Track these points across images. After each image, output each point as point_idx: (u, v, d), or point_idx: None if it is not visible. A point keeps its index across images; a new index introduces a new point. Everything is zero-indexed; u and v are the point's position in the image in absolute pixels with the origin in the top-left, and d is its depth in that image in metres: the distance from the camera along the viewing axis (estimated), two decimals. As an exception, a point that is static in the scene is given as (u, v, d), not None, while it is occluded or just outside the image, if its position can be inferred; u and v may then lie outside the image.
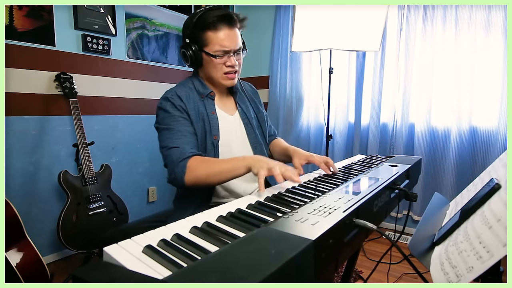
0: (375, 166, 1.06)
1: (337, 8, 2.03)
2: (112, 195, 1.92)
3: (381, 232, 0.59)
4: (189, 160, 0.95)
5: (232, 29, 1.03)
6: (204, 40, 1.02)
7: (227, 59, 1.05)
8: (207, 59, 1.04)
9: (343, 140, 2.59)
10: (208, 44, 1.02)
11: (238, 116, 1.18)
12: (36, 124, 1.87)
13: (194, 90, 1.11)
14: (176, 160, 0.95)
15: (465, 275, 0.42)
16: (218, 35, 1.01)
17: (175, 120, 1.02)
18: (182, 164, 0.94)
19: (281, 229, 0.49)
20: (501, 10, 1.92)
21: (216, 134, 1.08)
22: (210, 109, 1.10)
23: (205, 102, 1.10)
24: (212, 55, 1.02)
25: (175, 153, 0.97)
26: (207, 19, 1.00)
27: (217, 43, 1.01)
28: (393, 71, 2.33)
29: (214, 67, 1.05)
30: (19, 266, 1.40)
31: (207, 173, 0.92)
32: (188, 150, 0.97)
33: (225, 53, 1.03)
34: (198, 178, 0.93)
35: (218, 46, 1.02)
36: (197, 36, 1.03)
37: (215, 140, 1.07)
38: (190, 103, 1.07)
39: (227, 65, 1.05)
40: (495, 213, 0.45)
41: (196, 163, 0.94)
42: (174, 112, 1.03)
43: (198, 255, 0.45)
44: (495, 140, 1.98)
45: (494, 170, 0.65)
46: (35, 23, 1.81)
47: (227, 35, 1.02)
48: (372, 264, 1.95)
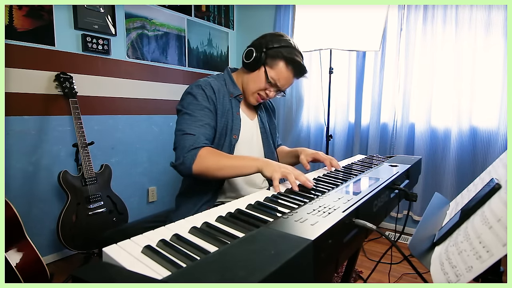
0: (375, 166, 1.06)
1: (337, 8, 2.03)
2: (112, 195, 1.92)
3: (381, 232, 0.59)
4: (200, 149, 0.96)
5: (294, 78, 1.14)
6: (273, 62, 1.09)
7: (270, 90, 1.13)
8: (261, 75, 1.10)
9: (343, 140, 2.59)
10: (272, 68, 1.09)
11: (257, 122, 1.24)
12: (35, 124, 1.87)
13: (225, 86, 1.15)
14: (189, 147, 0.96)
15: (464, 274, 0.42)
16: (285, 72, 1.09)
17: (200, 108, 1.04)
18: (193, 152, 0.95)
19: (281, 229, 0.49)
20: (501, 10, 1.92)
21: (236, 133, 1.12)
22: (236, 109, 1.14)
23: (232, 102, 1.14)
24: (268, 77, 1.09)
25: (189, 139, 0.98)
26: (290, 53, 1.08)
27: (277, 75, 1.09)
28: (393, 71, 2.33)
29: (257, 84, 1.11)
30: (19, 266, 1.40)
31: (217, 165, 0.94)
32: (203, 140, 0.99)
33: (275, 86, 1.12)
34: (207, 168, 0.94)
35: (275, 77, 1.09)
36: (273, 54, 1.08)
37: (234, 139, 1.11)
38: (221, 97, 1.10)
39: (266, 92, 1.13)
40: (495, 213, 0.45)
41: (207, 153, 0.96)
42: (203, 101, 1.05)
43: (197, 255, 0.45)
44: (495, 140, 1.98)
45: (495, 170, 0.65)
46: (35, 23, 1.81)
47: (289, 78, 1.11)
48: (372, 264, 1.95)
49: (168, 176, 2.59)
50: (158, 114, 2.48)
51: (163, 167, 2.54)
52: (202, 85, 1.07)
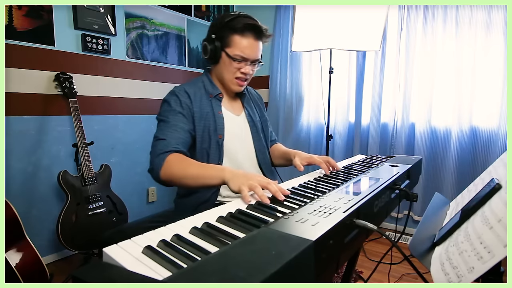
0: (376, 166, 1.06)
1: (337, 8, 2.03)
2: (111, 195, 1.91)
3: (382, 232, 0.59)
4: (169, 154, 0.94)
5: (257, 41, 1.08)
6: (228, 41, 1.06)
7: (243, 66, 1.09)
8: (225, 59, 1.08)
9: (343, 140, 2.59)
10: (231, 46, 1.06)
11: (244, 117, 1.21)
12: (35, 124, 1.86)
13: (203, 89, 1.14)
14: (158, 152, 0.95)
15: (466, 275, 0.42)
16: (243, 41, 1.05)
17: (173, 114, 1.04)
18: (162, 157, 0.94)
19: (281, 229, 0.49)
20: (502, 10, 1.92)
21: (221, 133, 1.10)
22: (217, 109, 1.12)
23: (213, 102, 1.12)
24: (231, 57, 1.06)
25: (159, 144, 0.97)
26: (238, 23, 1.04)
27: (239, 48, 1.05)
28: (394, 71, 2.33)
29: (228, 69, 1.09)
30: (19, 267, 1.40)
31: (181, 174, 0.90)
32: (173, 144, 0.97)
33: (243, 59, 1.07)
34: (172, 176, 0.91)
35: (239, 51, 1.06)
36: (223, 35, 1.06)
37: (220, 139, 1.09)
38: (197, 101, 1.09)
39: (241, 71, 1.09)
40: (495, 214, 0.45)
41: (175, 159, 0.93)
42: (176, 107, 1.05)
43: (198, 255, 0.45)
44: (496, 140, 1.98)
45: (495, 170, 0.65)
46: (35, 22, 1.81)
47: (251, 44, 1.06)
48: (372, 265, 1.95)
49: (168, 176, 2.59)
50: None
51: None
52: (176, 91, 1.09)
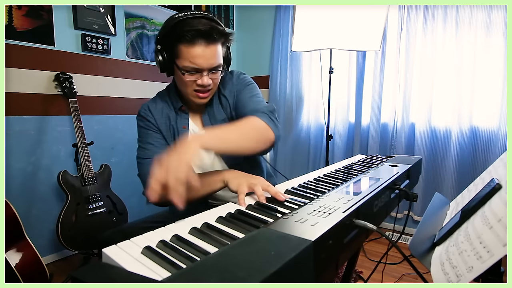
0: (376, 166, 1.06)
1: (337, 8, 2.03)
2: (111, 195, 1.91)
3: (381, 232, 0.59)
4: None
5: (210, 46, 0.90)
6: (176, 52, 0.91)
7: (199, 77, 0.93)
8: (177, 72, 0.94)
9: (343, 140, 2.59)
10: (179, 57, 0.91)
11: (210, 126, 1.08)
12: (35, 124, 1.86)
13: (169, 101, 1.05)
14: (148, 173, 0.87)
15: (465, 275, 0.42)
16: (191, 51, 0.88)
17: (147, 133, 1.03)
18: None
19: (281, 230, 0.49)
20: (502, 10, 1.92)
21: None
22: (182, 123, 1.05)
23: (178, 116, 1.05)
24: (181, 69, 0.91)
25: (147, 165, 0.96)
26: (183, 29, 0.88)
27: (188, 59, 0.89)
28: (394, 71, 2.33)
29: (182, 82, 0.95)
30: (19, 267, 1.40)
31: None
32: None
33: (196, 71, 0.92)
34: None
35: (189, 63, 0.90)
36: (168, 46, 0.92)
37: None
38: (162, 118, 1.05)
39: (198, 83, 0.94)
40: (495, 213, 0.45)
41: None
42: (145, 126, 1.05)
43: (197, 256, 0.45)
44: (496, 140, 1.98)
45: (495, 170, 0.65)
46: (35, 22, 1.81)
47: (202, 52, 0.89)
48: (372, 265, 1.95)
49: (168, 176, 2.59)
50: (158, 114, 2.48)
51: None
52: (141, 112, 1.05)
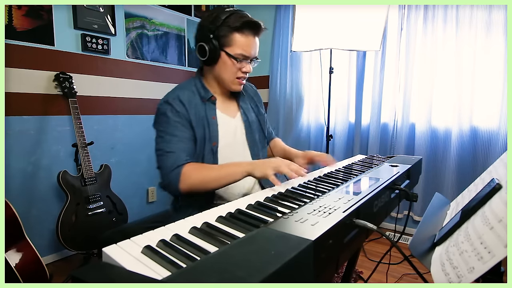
0: (376, 166, 1.06)
1: (337, 8, 2.03)
2: (111, 195, 1.91)
3: (382, 232, 0.59)
4: (183, 167, 0.95)
5: (256, 38, 1.05)
6: (228, 41, 1.01)
7: (244, 65, 1.05)
8: (225, 59, 1.03)
9: (343, 140, 2.58)
10: (231, 45, 1.01)
11: (239, 118, 1.16)
12: (35, 124, 1.86)
13: (197, 93, 1.08)
14: (171, 167, 0.95)
15: (466, 275, 0.42)
16: (243, 39, 1.01)
17: (173, 125, 1.01)
18: (176, 171, 0.94)
19: (281, 229, 0.49)
20: (502, 10, 1.92)
21: (215, 140, 1.06)
22: (211, 113, 1.07)
23: (206, 106, 1.08)
24: (234, 57, 1.02)
25: (170, 158, 0.96)
26: (236, 20, 0.99)
27: (241, 47, 1.01)
28: (394, 71, 2.33)
29: (228, 69, 1.04)
30: (18, 267, 1.39)
31: (202, 179, 0.93)
32: (184, 157, 0.97)
33: (245, 58, 1.04)
34: (194, 185, 0.94)
35: (241, 50, 1.02)
36: (222, 34, 1.00)
37: (214, 146, 1.06)
38: (192, 108, 1.04)
39: (243, 70, 1.06)
40: (496, 214, 0.45)
41: (191, 169, 0.94)
42: (174, 117, 1.01)
43: (197, 255, 0.45)
44: (496, 140, 1.98)
45: (495, 170, 0.65)
46: (34, 22, 1.81)
47: (251, 42, 1.03)
48: (372, 265, 1.95)
49: (168, 176, 2.59)
50: (158, 114, 2.48)
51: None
52: (169, 100, 1.03)
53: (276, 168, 0.82)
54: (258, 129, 1.20)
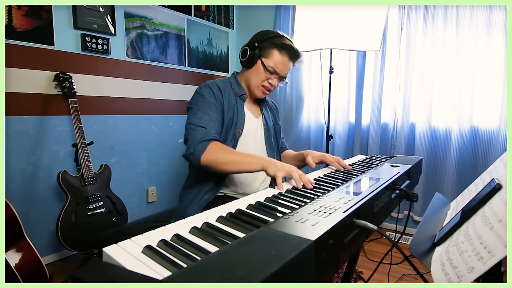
0: (376, 166, 1.06)
1: (337, 8, 2.03)
2: (111, 195, 1.91)
3: (382, 232, 0.59)
4: (211, 142, 1.04)
5: (290, 62, 1.21)
6: (267, 53, 1.18)
7: (272, 78, 1.20)
8: (259, 66, 1.19)
9: (343, 140, 2.58)
10: (268, 57, 1.18)
11: (261, 120, 1.31)
12: (35, 124, 1.86)
13: (231, 87, 1.24)
14: (200, 139, 1.04)
15: (466, 275, 0.42)
16: (279, 57, 1.18)
17: (208, 105, 1.13)
18: (204, 144, 1.03)
19: (281, 229, 0.49)
20: (502, 10, 1.92)
21: (240, 128, 1.19)
22: (240, 106, 1.22)
23: (237, 100, 1.22)
24: (266, 66, 1.18)
25: (200, 132, 1.06)
26: (280, 40, 1.18)
27: (274, 62, 1.18)
28: (394, 71, 2.33)
29: (258, 76, 1.20)
30: (18, 267, 1.39)
31: (224, 159, 1.01)
32: (213, 133, 1.07)
33: (274, 72, 1.19)
34: (215, 161, 1.01)
35: (273, 64, 1.18)
36: (265, 46, 1.18)
37: (238, 133, 1.18)
38: (226, 95, 1.20)
39: (269, 81, 1.21)
40: (496, 214, 0.45)
41: (217, 147, 1.04)
42: (210, 98, 1.14)
43: (197, 255, 0.45)
44: (496, 140, 1.98)
45: (495, 170, 0.65)
46: (34, 22, 1.81)
47: (285, 62, 1.19)
48: (372, 265, 1.95)
49: (168, 176, 2.59)
50: (157, 114, 2.48)
51: (163, 167, 2.54)
52: (209, 84, 1.18)
53: (288, 172, 0.86)
54: (274, 136, 1.36)
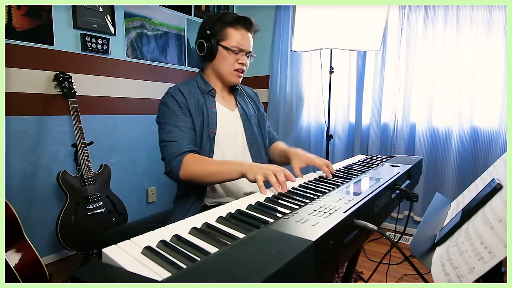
0: (376, 166, 1.06)
1: (337, 8, 2.03)
2: (111, 196, 1.91)
3: (382, 232, 0.59)
4: (185, 156, 0.99)
5: (248, 33, 1.13)
6: (223, 35, 1.10)
7: (240, 57, 1.12)
8: (223, 52, 1.11)
9: (343, 140, 2.58)
10: (227, 39, 1.10)
11: (237, 112, 1.22)
12: (34, 124, 1.86)
13: (197, 87, 1.16)
14: (173, 154, 0.99)
15: (466, 275, 0.42)
16: (236, 33, 1.11)
17: (175, 115, 1.07)
18: (178, 159, 0.99)
19: (281, 230, 0.49)
20: (503, 10, 1.92)
21: (213, 127, 1.12)
22: (210, 104, 1.14)
23: (206, 99, 1.14)
24: (230, 48, 1.10)
25: (172, 147, 1.01)
26: (228, 17, 1.10)
27: (235, 40, 1.10)
28: (394, 71, 2.33)
29: (226, 62, 1.12)
30: (18, 267, 1.39)
31: (202, 172, 0.96)
32: (185, 145, 1.02)
33: (240, 50, 1.12)
34: (193, 175, 0.97)
35: (235, 43, 1.10)
36: (217, 30, 1.10)
37: (211, 133, 1.11)
38: (191, 98, 1.12)
39: (239, 62, 1.13)
40: (496, 214, 0.45)
41: (192, 160, 0.98)
42: (174, 107, 1.08)
43: (197, 256, 0.45)
44: (497, 140, 1.98)
45: (496, 170, 0.65)
46: (34, 22, 1.80)
47: (244, 35, 1.12)
48: (373, 265, 1.95)
49: (168, 176, 2.59)
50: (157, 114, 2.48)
51: (163, 167, 2.52)
52: (170, 92, 1.12)
53: (265, 175, 0.80)
54: (257, 124, 1.25)
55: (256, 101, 1.32)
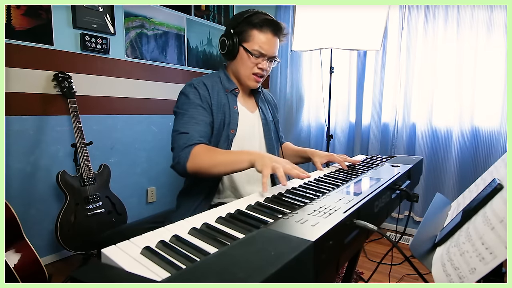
0: (376, 166, 1.05)
1: (337, 7, 2.02)
2: (110, 196, 1.91)
3: (382, 233, 0.58)
4: (194, 147, 0.96)
5: (275, 37, 1.08)
6: (246, 36, 1.06)
7: (260, 62, 1.08)
8: (243, 54, 1.08)
9: (344, 140, 2.58)
10: (249, 41, 1.06)
11: (258, 114, 1.21)
12: (34, 124, 1.86)
13: (220, 83, 1.14)
14: (182, 145, 0.96)
15: (468, 276, 0.42)
16: (261, 36, 1.06)
17: (193, 107, 1.04)
18: (187, 150, 0.95)
19: (281, 230, 0.49)
20: (503, 10, 1.92)
21: (234, 128, 1.10)
22: (233, 103, 1.11)
23: (229, 97, 1.12)
24: (250, 51, 1.06)
25: (182, 138, 0.98)
26: (256, 18, 1.05)
27: (258, 43, 1.06)
28: (394, 71, 2.33)
29: (245, 64, 1.09)
30: (17, 267, 1.39)
31: (210, 162, 0.92)
32: (196, 137, 0.98)
33: (261, 55, 1.07)
34: (200, 167, 0.93)
35: (257, 47, 1.06)
36: (242, 30, 1.06)
37: (231, 133, 1.09)
38: (214, 93, 1.09)
39: (259, 67, 1.09)
40: (497, 214, 0.45)
41: (201, 151, 0.95)
42: (195, 99, 1.05)
43: (197, 256, 0.44)
44: (497, 140, 1.98)
45: (496, 170, 0.65)
46: (33, 22, 1.80)
47: (269, 40, 1.06)
48: (373, 265, 1.95)
49: (168, 176, 2.58)
50: (157, 114, 2.48)
51: (162, 167, 2.54)
52: (194, 83, 1.08)
53: (274, 168, 0.77)
54: (274, 130, 1.25)
55: (274, 107, 1.32)
